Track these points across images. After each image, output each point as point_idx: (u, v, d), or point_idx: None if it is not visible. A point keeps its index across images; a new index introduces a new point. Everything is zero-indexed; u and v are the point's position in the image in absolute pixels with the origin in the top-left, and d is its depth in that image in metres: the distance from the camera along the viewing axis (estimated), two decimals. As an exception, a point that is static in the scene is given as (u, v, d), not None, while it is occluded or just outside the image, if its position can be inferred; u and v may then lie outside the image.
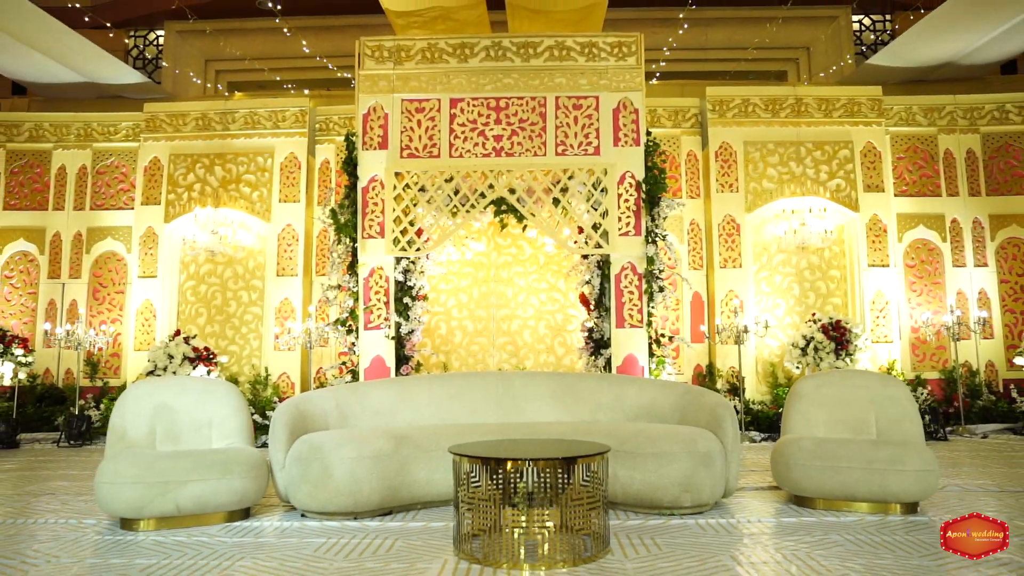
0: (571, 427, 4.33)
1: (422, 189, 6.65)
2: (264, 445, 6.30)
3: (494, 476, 3.19)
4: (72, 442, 7.29)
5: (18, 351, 7.66)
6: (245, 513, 3.87)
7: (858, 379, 4.55)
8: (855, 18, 10.00)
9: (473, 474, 3.20)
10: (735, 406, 7.39)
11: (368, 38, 6.83)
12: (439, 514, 3.88)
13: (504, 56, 6.77)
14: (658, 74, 9.26)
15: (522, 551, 3.01)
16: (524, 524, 3.09)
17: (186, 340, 7.30)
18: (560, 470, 3.14)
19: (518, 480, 3.16)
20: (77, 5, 8.75)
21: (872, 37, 10.09)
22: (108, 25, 8.92)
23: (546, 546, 3.06)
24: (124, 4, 10.00)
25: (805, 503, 4.00)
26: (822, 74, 9.54)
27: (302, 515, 3.87)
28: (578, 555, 3.03)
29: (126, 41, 10.27)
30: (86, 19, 8.79)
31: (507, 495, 3.17)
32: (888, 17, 10.09)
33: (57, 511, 4.05)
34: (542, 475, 3.17)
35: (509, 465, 3.11)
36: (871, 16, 10.09)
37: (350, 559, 3.04)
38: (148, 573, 2.85)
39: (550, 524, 3.12)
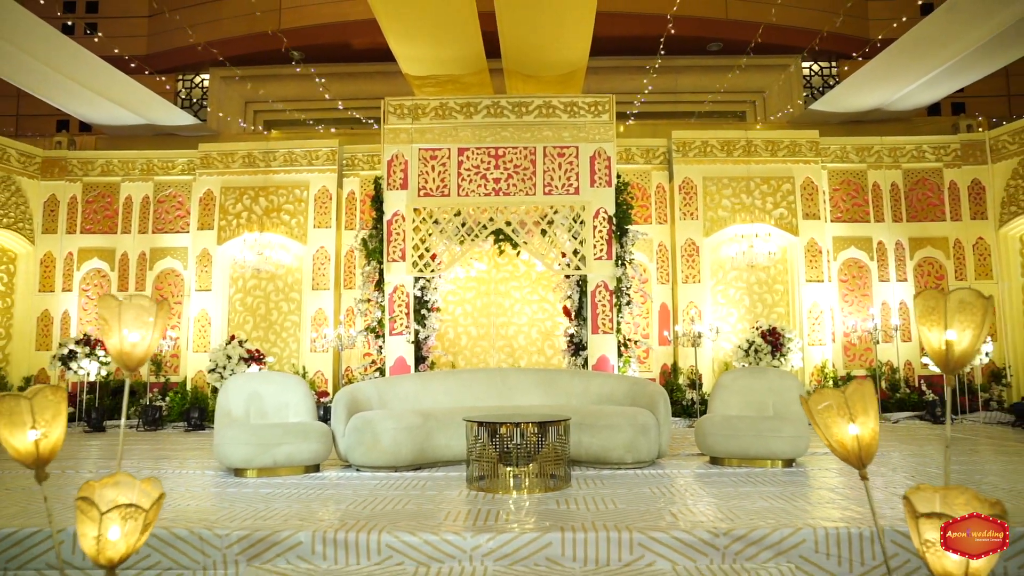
0: (549, 408, 5.91)
1: (436, 221, 8.24)
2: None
3: (493, 437, 4.76)
4: (147, 427, 8.87)
5: (100, 353, 9.25)
6: (317, 468, 5.45)
7: (763, 374, 6.14)
8: (805, 65, 11.58)
9: (479, 436, 4.78)
10: (692, 397, 9.02)
11: (391, 98, 8.42)
12: (455, 469, 5.45)
13: (502, 113, 8.36)
14: (633, 116, 10.82)
15: (512, 484, 4.59)
16: (513, 470, 4.67)
17: (240, 343, 8.89)
18: (538, 432, 4.71)
19: (509, 441, 4.73)
20: (118, 53, 10.33)
21: (820, 81, 11.66)
22: (148, 72, 10.50)
23: (527, 481, 4.64)
24: (173, 53, 11.61)
25: (717, 462, 5.57)
26: (772, 117, 11.09)
27: (357, 469, 5.45)
28: (548, 487, 4.61)
29: (176, 85, 11.85)
30: (133, 65, 10.34)
31: (502, 453, 4.74)
32: (833, 64, 11.66)
33: (179, 467, 5.64)
34: (525, 436, 4.74)
35: (503, 428, 4.69)
36: (819, 63, 11.66)
37: (398, 490, 4.62)
38: (271, 495, 4.43)
39: (531, 469, 4.71)
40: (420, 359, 8.18)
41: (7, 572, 3.42)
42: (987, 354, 8.79)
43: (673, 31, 9.91)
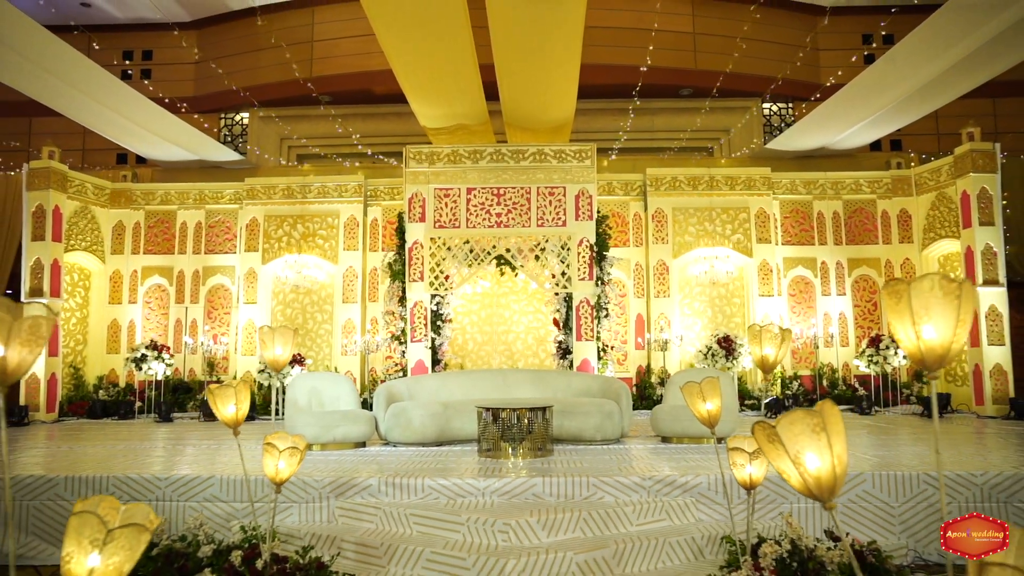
0: (540, 399, 7.67)
1: (448, 248, 10.02)
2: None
3: (496, 420, 6.54)
4: (207, 418, 10.62)
5: (166, 356, 11.02)
6: (363, 444, 7.22)
7: (705, 374, 7.91)
8: (765, 106, 13.35)
9: (486, 419, 6.55)
10: (661, 394, 10.79)
11: (411, 146, 10.20)
12: (469, 445, 7.22)
13: (502, 159, 10.14)
14: (615, 152, 12.60)
15: (510, 453, 6.37)
16: (511, 444, 6.44)
17: (284, 348, 10.65)
18: (529, 416, 6.48)
19: (509, 423, 6.50)
20: (169, 95, 12.10)
21: (779, 120, 13.44)
22: (195, 111, 12.25)
23: (521, 451, 6.41)
24: (217, 96, 13.36)
25: (666, 440, 7.33)
26: (736, 154, 12.86)
27: (394, 445, 7.22)
28: (536, 455, 6.38)
29: (219, 123, 13.62)
30: (183, 107, 12.08)
31: (503, 431, 6.51)
32: (790, 105, 13.43)
33: (256, 442, 7.40)
34: (520, 419, 6.51)
35: (504, 413, 6.47)
36: (777, 104, 13.44)
37: (427, 457, 6.39)
38: (338, 460, 6.20)
39: (524, 444, 6.48)
40: (436, 361, 9.96)
41: (178, 503, 5.21)
42: (905, 357, 10.54)
43: (649, 79, 11.70)
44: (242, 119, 13.70)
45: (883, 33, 13.09)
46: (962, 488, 5.06)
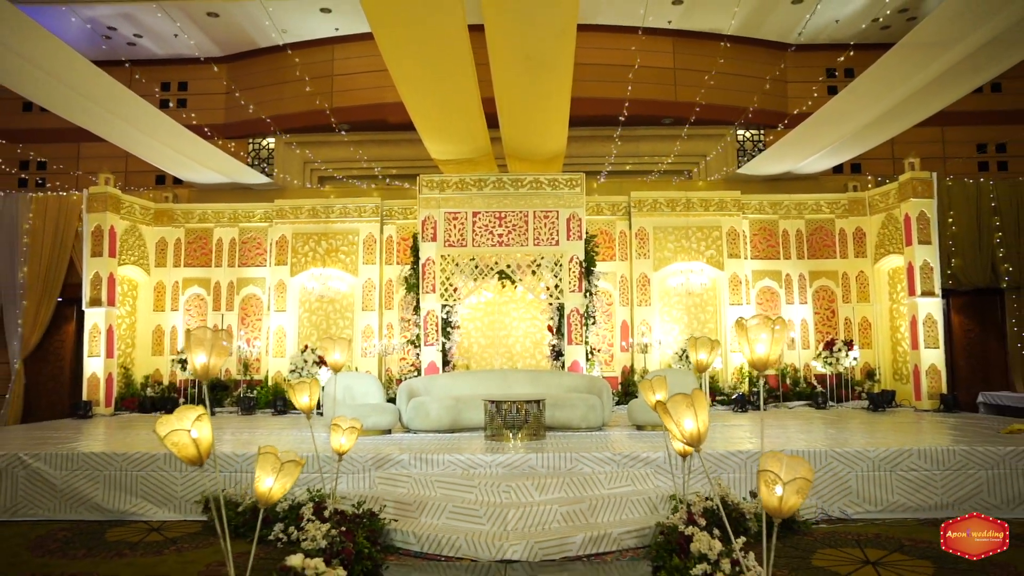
0: (535, 394, 9.16)
1: (457, 264, 11.51)
2: (368, 411, 11.11)
3: (500, 411, 8.04)
4: (244, 413, 12.11)
5: (207, 358, 12.49)
6: (389, 432, 8.71)
7: (674, 373, 9.42)
8: (739, 132, 14.84)
9: (491, 410, 8.04)
10: (642, 391, 12.29)
11: (424, 175, 11.69)
12: (476, 432, 8.71)
13: (504, 187, 11.63)
14: (603, 176, 14.09)
15: (511, 437, 7.86)
16: (512, 431, 7.93)
17: (312, 351, 12.14)
18: (526, 408, 7.97)
19: (509, 413, 7.99)
20: (202, 122, 13.58)
21: (752, 146, 14.93)
22: (225, 137, 13.71)
23: (520, 435, 7.91)
24: (245, 124, 14.83)
25: (640, 428, 8.82)
26: (711, 177, 14.35)
27: (414, 432, 8.71)
28: (531, 439, 7.88)
29: (247, 147, 15.10)
30: (213, 135, 13.52)
31: (505, 420, 8.00)
32: (762, 132, 14.92)
33: (298, 432, 8.89)
34: (519, 410, 8.00)
35: (506, 405, 7.96)
36: (750, 131, 14.94)
37: (444, 441, 7.88)
38: (372, 443, 7.68)
39: (522, 431, 7.97)
40: (446, 362, 11.46)
41: (250, 473, 6.69)
42: (855, 358, 12.05)
43: (633, 110, 13.19)
44: (268, 144, 15.17)
45: (845, 67, 14.59)
46: (859, 461, 6.57)
